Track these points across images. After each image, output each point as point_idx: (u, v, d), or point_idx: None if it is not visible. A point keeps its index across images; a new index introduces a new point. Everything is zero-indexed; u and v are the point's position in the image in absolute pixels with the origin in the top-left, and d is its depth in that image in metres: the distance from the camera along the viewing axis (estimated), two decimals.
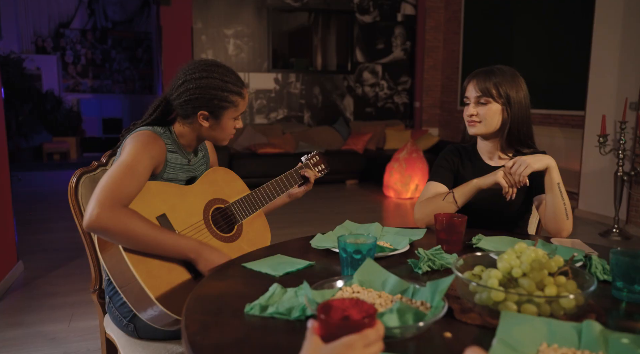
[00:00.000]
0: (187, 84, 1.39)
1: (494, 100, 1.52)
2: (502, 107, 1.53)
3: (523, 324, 0.80)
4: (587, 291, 0.88)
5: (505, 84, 1.52)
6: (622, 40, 4.33)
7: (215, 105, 1.39)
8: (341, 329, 0.67)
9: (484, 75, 1.54)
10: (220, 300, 0.98)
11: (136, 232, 1.19)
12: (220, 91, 1.38)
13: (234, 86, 1.41)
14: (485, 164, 1.62)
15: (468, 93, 1.56)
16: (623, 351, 0.74)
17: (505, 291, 0.88)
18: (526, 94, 1.57)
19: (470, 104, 1.56)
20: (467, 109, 1.57)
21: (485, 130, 1.55)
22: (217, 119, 1.41)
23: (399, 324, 0.81)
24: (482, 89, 1.52)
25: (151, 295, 1.16)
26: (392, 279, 0.97)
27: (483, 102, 1.53)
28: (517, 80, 1.55)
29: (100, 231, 1.18)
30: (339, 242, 1.08)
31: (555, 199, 1.42)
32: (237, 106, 1.42)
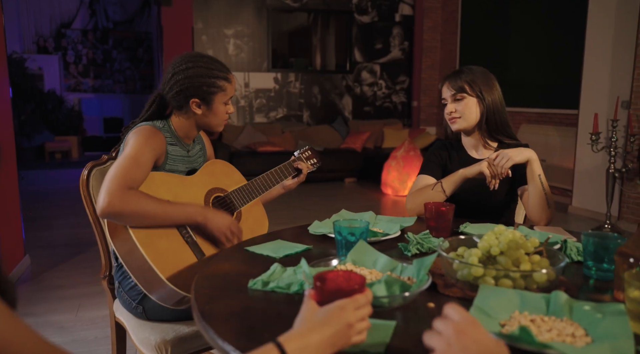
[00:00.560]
0: (176, 76, 1.49)
1: (468, 95, 1.63)
2: (477, 100, 1.64)
3: (498, 296, 0.90)
4: (558, 266, 0.97)
5: (475, 80, 1.64)
6: (614, 41, 4.43)
7: (204, 91, 1.49)
8: (334, 295, 0.77)
9: (454, 75, 1.67)
10: (225, 278, 1.07)
11: (146, 209, 1.29)
12: (207, 78, 1.48)
13: (219, 72, 1.51)
14: (470, 156, 1.72)
15: (444, 94, 1.69)
16: (584, 316, 0.83)
17: (484, 267, 0.97)
18: (497, 86, 1.67)
19: (448, 102, 1.67)
20: (446, 108, 1.68)
21: (467, 124, 1.66)
22: (208, 105, 1.51)
23: (387, 294, 0.90)
24: (455, 87, 1.64)
25: (161, 275, 1.26)
26: (382, 259, 1.07)
27: (459, 98, 1.64)
28: (487, 75, 1.67)
29: (114, 215, 1.28)
30: (334, 227, 1.18)
31: (537, 190, 1.51)
32: (225, 90, 1.52)
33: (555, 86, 5.48)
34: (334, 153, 6.48)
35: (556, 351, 0.71)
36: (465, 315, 0.67)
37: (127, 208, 1.26)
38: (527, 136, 5.81)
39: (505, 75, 6.16)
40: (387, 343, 0.78)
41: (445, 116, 1.71)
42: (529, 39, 5.82)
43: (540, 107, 5.72)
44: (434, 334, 0.66)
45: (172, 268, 1.31)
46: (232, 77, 1.55)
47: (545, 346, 0.72)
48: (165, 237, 1.33)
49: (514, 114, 6.11)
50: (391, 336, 0.79)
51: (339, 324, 0.72)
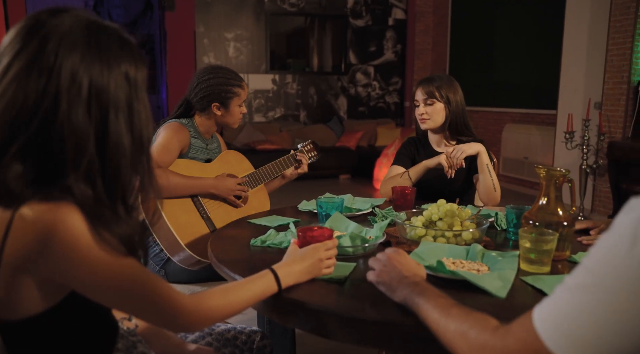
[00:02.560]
0: (200, 85, 1.86)
1: (437, 100, 1.96)
2: (444, 105, 1.96)
3: (433, 248, 1.23)
4: (482, 227, 1.31)
5: (444, 87, 1.96)
6: (588, 48, 4.77)
7: (223, 97, 1.86)
8: (310, 241, 1.11)
9: (427, 82, 1.99)
10: (233, 238, 1.41)
11: (173, 182, 1.66)
12: (225, 86, 1.86)
13: (234, 81, 1.90)
14: (434, 150, 2.06)
15: (417, 97, 2.00)
16: (490, 259, 1.17)
17: (425, 229, 1.31)
18: (461, 94, 2.01)
19: (420, 105, 1.99)
20: (417, 110, 2.00)
21: (434, 125, 1.99)
22: (226, 107, 1.88)
23: (351, 245, 1.24)
24: (427, 93, 1.96)
25: (181, 242, 1.60)
26: (352, 225, 1.40)
27: (429, 103, 1.96)
28: (453, 83, 1.99)
29: None
30: (317, 202, 1.51)
31: (485, 176, 1.85)
32: (240, 95, 1.90)
33: (536, 88, 5.83)
34: (330, 151, 6.81)
35: (460, 277, 1.05)
36: (396, 249, 1.01)
37: (160, 183, 1.61)
38: (511, 135, 6.16)
39: (491, 77, 6.50)
40: (347, 276, 1.11)
41: (417, 116, 2.04)
42: (512, 44, 6.17)
43: (523, 108, 6.07)
44: (375, 259, 1.00)
45: (189, 237, 1.65)
46: (245, 84, 1.92)
47: (453, 273, 1.06)
48: (186, 213, 1.68)
49: (500, 114, 6.45)
50: (350, 272, 1.13)
51: (313, 259, 1.06)
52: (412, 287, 0.91)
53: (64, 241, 0.73)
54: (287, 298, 1.01)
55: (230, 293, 0.95)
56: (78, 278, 0.76)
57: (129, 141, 0.80)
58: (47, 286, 0.77)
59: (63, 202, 0.74)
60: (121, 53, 0.81)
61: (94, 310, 0.85)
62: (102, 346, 0.90)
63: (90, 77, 0.76)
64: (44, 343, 0.82)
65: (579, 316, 0.59)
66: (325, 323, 0.97)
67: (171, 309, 0.85)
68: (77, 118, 0.75)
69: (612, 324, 0.57)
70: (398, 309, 0.94)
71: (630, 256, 0.55)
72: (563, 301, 0.62)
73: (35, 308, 0.78)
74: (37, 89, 0.73)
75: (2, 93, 0.74)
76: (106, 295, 0.80)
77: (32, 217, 0.72)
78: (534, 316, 0.65)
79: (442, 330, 0.79)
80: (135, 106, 0.82)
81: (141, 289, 0.81)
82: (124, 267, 0.79)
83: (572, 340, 0.59)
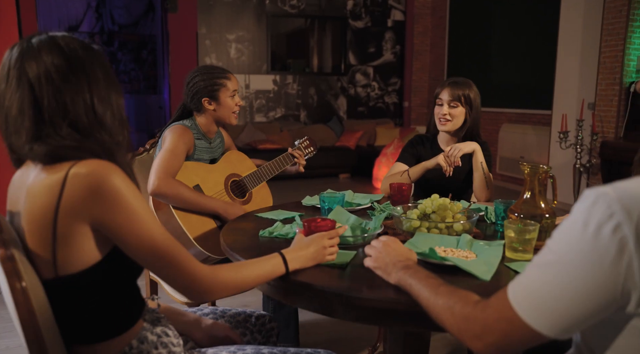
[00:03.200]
0: (189, 85, 1.98)
1: (461, 105, 2.04)
2: (465, 111, 2.05)
3: (426, 238, 1.35)
4: (471, 219, 1.43)
5: (471, 95, 2.03)
6: (582, 49, 4.89)
7: (210, 90, 1.95)
8: (315, 230, 1.23)
9: (455, 85, 2.04)
10: (243, 230, 1.52)
11: (184, 196, 1.75)
12: (210, 80, 1.95)
13: (218, 73, 1.99)
14: (442, 150, 2.13)
15: (442, 96, 2.05)
16: (478, 247, 1.29)
17: (420, 221, 1.43)
18: (480, 101, 2.07)
19: (444, 105, 2.04)
20: (441, 109, 2.05)
21: (453, 127, 2.06)
22: (216, 100, 1.97)
23: (351, 235, 1.36)
24: (454, 96, 2.02)
25: (191, 238, 1.71)
26: (353, 218, 1.52)
27: (454, 106, 2.03)
28: (476, 90, 2.06)
29: (160, 195, 1.73)
30: (320, 197, 1.63)
31: (479, 173, 1.97)
32: (226, 85, 1.98)
33: (532, 89, 5.95)
34: (330, 151, 6.93)
35: (449, 262, 1.16)
36: (390, 237, 1.12)
37: (170, 192, 1.72)
38: (507, 135, 6.28)
39: (488, 78, 6.62)
40: (348, 262, 1.23)
41: (436, 115, 2.07)
42: (509, 46, 6.29)
43: (519, 108, 6.19)
44: (371, 247, 1.12)
45: (199, 234, 1.77)
46: (230, 75, 2.01)
47: (443, 259, 1.17)
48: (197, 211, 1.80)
49: (496, 114, 6.57)
50: (351, 259, 1.25)
51: (317, 246, 1.18)
52: (405, 270, 1.03)
53: (110, 189, 0.90)
54: (294, 280, 1.12)
55: (243, 268, 1.08)
56: (118, 222, 0.91)
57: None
58: (97, 235, 0.93)
59: (106, 162, 0.93)
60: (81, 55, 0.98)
61: (128, 273, 0.99)
62: (132, 311, 1.02)
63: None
64: (87, 300, 0.95)
65: (544, 288, 0.71)
66: (328, 303, 1.09)
67: (190, 274, 0.98)
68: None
69: (570, 292, 0.68)
70: (392, 290, 1.05)
71: (582, 236, 0.67)
72: (531, 277, 0.74)
73: (87, 259, 0.93)
74: None
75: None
76: (139, 248, 0.94)
77: (84, 173, 0.90)
78: (508, 290, 0.77)
79: (432, 306, 0.90)
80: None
81: (167, 249, 0.96)
82: (151, 221, 0.95)
83: (539, 308, 0.71)
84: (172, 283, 1.00)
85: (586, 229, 0.67)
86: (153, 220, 0.95)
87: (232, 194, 1.97)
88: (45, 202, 0.90)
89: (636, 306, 0.66)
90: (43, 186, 0.91)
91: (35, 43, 0.95)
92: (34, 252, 0.92)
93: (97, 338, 0.99)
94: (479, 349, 0.79)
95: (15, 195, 0.99)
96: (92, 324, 0.98)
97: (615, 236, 0.64)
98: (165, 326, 1.09)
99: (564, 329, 0.70)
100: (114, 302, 0.99)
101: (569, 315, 0.69)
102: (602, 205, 0.66)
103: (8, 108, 0.94)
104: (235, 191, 2.00)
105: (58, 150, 0.92)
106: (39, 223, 0.91)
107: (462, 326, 0.82)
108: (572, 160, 4.97)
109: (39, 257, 0.92)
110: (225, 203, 1.85)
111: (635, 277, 0.64)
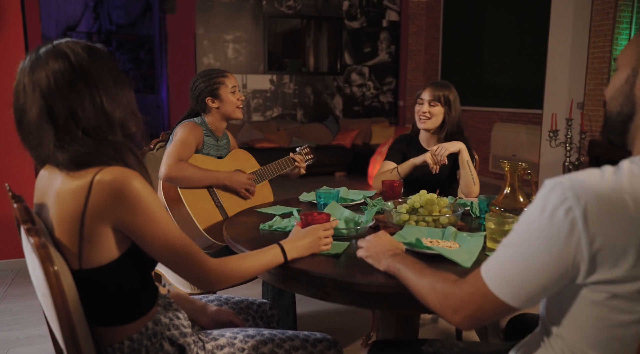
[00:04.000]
0: (192, 90, 2.14)
1: (440, 104, 2.18)
2: (444, 111, 2.18)
3: (414, 230, 1.47)
4: (456, 213, 1.54)
5: (450, 96, 2.18)
6: (571, 50, 5.02)
7: (211, 89, 2.10)
8: (311, 223, 1.34)
9: (436, 86, 2.20)
10: (244, 223, 1.64)
11: (192, 173, 1.89)
12: (209, 80, 2.11)
13: (215, 73, 2.14)
14: (423, 148, 2.28)
15: (424, 96, 2.20)
16: (462, 238, 1.41)
17: (409, 214, 1.54)
18: (459, 107, 2.22)
19: (424, 104, 2.19)
20: (421, 107, 2.20)
21: (432, 125, 2.20)
22: (218, 97, 2.11)
23: (345, 227, 1.47)
24: (435, 96, 2.17)
25: (199, 225, 1.83)
26: (347, 212, 1.63)
27: (433, 105, 2.18)
28: (455, 93, 2.21)
29: (171, 179, 1.87)
30: (316, 194, 1.74)
31: (465, 171, 2.08)
32: (225, 83, 2.12)
33: (524, 89, 6.08)
34: (326, 149, 7.04)
35: (434, 251, 1.28)
36: (380, 231, 1.24)
37: (180, 174, 1.85)
38: (500, 133, 6.41)
39: (481, 78, 6.75)
40: (342, 252, 1.34)
41: (417, 113, 2.22)
42: (501, 46, 6.41)
43: (511, 108, 6.32)
44: (363, 240, 1.24)
45: (206, 222, 1.89)
46: (228, 73, 2.17)
47: (429, 248, 1.29)
48: (203, 201, 1.92)
49: (489, 113, 6.70)
50: (345, 249, 1.36)
51: (313, 237, 1.29)
52: (393, 257, 1.14)
53: (130, 196, 0.99)
54: (293, 267, 1.24)
55: (246, 259, 1.19)
56: (137, 224, 1.01)
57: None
58: (117, 235, 1.03)
59: (128, 169, 1.02)
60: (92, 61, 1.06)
61: (144, 267, 1.10)
62: (147, 299, 1.13)
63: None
64: (107, 290, 1.06)
65: (509, 264, 0.83)
66: (324, 288, 1.20)
67: (201, 266, 1.09)
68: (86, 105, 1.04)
69: (531, 266, 0.80)
70: (382, 276, 1.17)
71: (540, 218, 0.78)
72: (499, 255, 0.86)
73: (109, 256, 1.03)
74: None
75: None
76: (154, 243, 1.04)
77: (108, 180, 0.99)
78: (482, 268, 0.88)
79: (417, 287, 1.02)
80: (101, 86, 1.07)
81: (181, 246, 1.07)
82: (167, 222, 1.05)
83: (506, 282, 0.83)
84: (185, 275, 1.11)
85: (544, 212, 0.78)
86: (169, 220, 1.06)
87: None
88: (73, 206, 1.00)
89: (584, 277, 0.77)
90: (71, 192, 1.00)
91: (42, 53, 1.03)
92: (62, 246, 1.02)
93: (117, 321, 1.09)
94: (457, 322, 0.91)
95: (42, 191, 1.09)
96: (111, 310, 1.08)
97: (568, 217, 0.75)
98: (177, 310, 1.20)
99: (527, 299, 0.82)
100: (132, 291, 1.09)
101: (530, 286, 0.81)
102: (557, 191, 0.77)
103: (28, 120, 1.02)
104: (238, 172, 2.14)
105: (78, 157, 1.01)
106: (68, 225, 1.01)
107: (442, 302, 0.93)
108: (562, 158, 5.10)
109: (66, 251, 1.02)
110: (229, 173, 2.01)
111: (583, 251, 0.75)
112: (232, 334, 1.26)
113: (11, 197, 1.03)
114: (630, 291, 0.76)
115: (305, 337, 1.30)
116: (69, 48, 1.04)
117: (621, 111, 0.87)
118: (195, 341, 1.19)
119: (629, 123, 0.87)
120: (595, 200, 0.75)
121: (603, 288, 0.77)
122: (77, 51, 1.04)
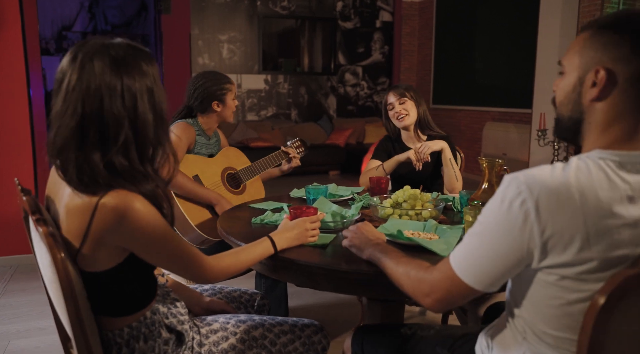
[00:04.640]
0: (197, 90, 2.17)
1: (409, 99, 2.29)
2: (414, 103, 2.29)
3: (397, 223, 1.55)
4: (438, 207, 1.64)
5: (411, 90, 2.31)
6: (559, 51, 5.13)
7: (219, 95, 2.18)
8: (299, 215, 1.43)
9: (396, 88, 2.33)
10: (238, 218, 1.72)
11: (183, 184, 1.94)
12: (219, 85, 2.18)
13: (225, 80, 2.23)
14: (406, 146, 2.38)
15: (390, 100, 2.32)
16: (442, 230, 1.50)
17: (393, 208, 1.63)
18: (423, 100, 2.35)
19: (395, 106, 2.31)
20: (393, 110, 2.31)
21: (410, 121, 2.30)
22: (224, 103, 2.21)
23: (332, 220, 1.56)
24: (399, 94, 2.29)
25: (191, 222, 1.91)
26: (334, 206, 1.72)
27: (402, 102, 2.29)
28: (415, 88, 2.34)
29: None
30: (306, 189, 1.83)
31: (448, 169, 2.18)
32: (231, 90, 2.23)
33: (514, 89, 6.19)
34: (320, 148, 7.13)
35: (414, 242, 1.37)
36: (364, 222, 1.33)
37: (175, 182, 1.91)
38: (491, 132, 6.51)
39: (472, 78, 6.86)
40: (328, 243, 1.43)
41: (393, 116, 2.34)
42: (492, 47, 6.52)
43: (502, 107, 6.43)
44: (347, 230, 1.33)
45: (198, 219, 1.97)
46: (232, 81, 2.24)
47: (409, 239, 1.38)
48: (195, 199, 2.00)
49: (480, 113, 6.81)
50: (331, 240, 1.45)
51: (300, 229, 1.38)
52: (375, 247, 1.23)
53: (132, 221, 1.03)
54: (282, 257, 1.32)
55: (239, 254, 1.27)
56: (139, 244, 1.08)
57: (151, 116, 1.11)
58: (117, 249, 1.09)
59: (131, 192, 1.04)
60: (135, 57, 1.10)
61: (144, 267, 1.16)
62: (148, 293, 1.21)
63: (121, 80, 1.07)
64: (114, 288, 1.13)
65: (473, 251, 0.92)
66: (312, 276, 1.29)
67: (198, 266, 1.17)
68: (116, 108, 1.05)
69: (491, 253, 0.89)
70: (365, 264, 1.26)
71: (499, 210, 0.88)
72: (465, 244, 0.95)
73: (109, 263, 1.09)
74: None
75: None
76: (155, 256, 1.11)
77: (111, 205, 1.02)
78: (450, 256, 0.97)
79: (395, 273, 1.11)
80: (155, 90, 1.13)
81: (179, 252, 1.14)
82: (168, 237, 1.11)
83: (470, 267, 0.92)
84: (185, 275, 1.19)
85: (502, 204, 0.87)
86: (169, 234, 1.10)
87: (228, 185, 2.17)
88: (78, 224, 1.04)
89: (538, 262, 0.87)
90: (78, 209, 1.03)
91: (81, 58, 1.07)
92: (67, 245, 1.08)
93: (116, 313, 1.16)
94: (429, 305, 1.00)
95: (52, 189, 1.15)
96: (111, 306, 1.15)
97: (522, 208, 0.84)
98: (175, 299, 1.29)
99: (489, 283, 0.91)
100: (132, 291, 1.16)
101: (491, 271, 0.90)
102: (513, 186, 0.86)
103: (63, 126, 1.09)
104: (231, 182, 2.21)
105: (88, 185, 1.03)
106: (73, 235, 1.06)
107: (415, 287, 1.02)
108: (550, 156, 5.20)
109: (70, 251, 1.08)
110: (218, 195, 2.06)
111: (536, 239, 0.85)
112: (225, 319, 1.35)
113: (20, 191, 1.10)
114: (577, 272, 0.85)
115: (293, 322, 1.39)
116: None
117: (572, 116, 0.96)
118: (191, 327, 1.28)
119: (579, 125, 0.96)
120: (546, 193, 0.84)
121: (554, 271, 0.86)
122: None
